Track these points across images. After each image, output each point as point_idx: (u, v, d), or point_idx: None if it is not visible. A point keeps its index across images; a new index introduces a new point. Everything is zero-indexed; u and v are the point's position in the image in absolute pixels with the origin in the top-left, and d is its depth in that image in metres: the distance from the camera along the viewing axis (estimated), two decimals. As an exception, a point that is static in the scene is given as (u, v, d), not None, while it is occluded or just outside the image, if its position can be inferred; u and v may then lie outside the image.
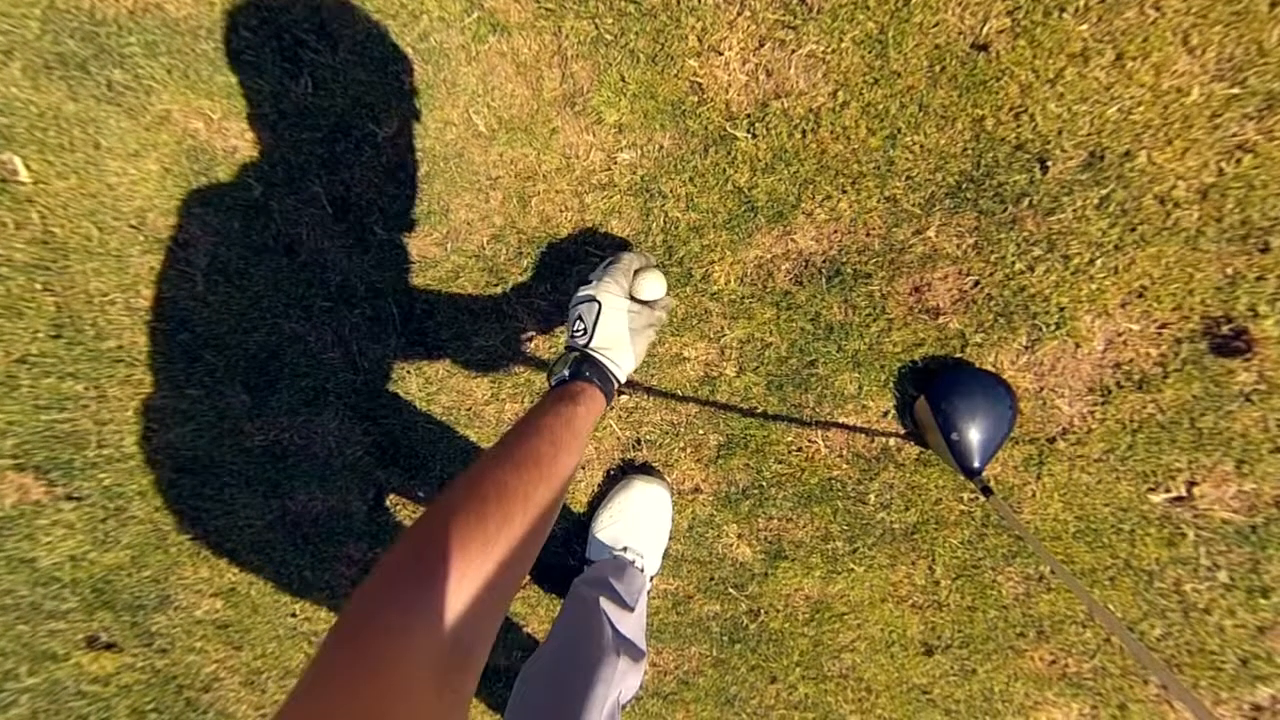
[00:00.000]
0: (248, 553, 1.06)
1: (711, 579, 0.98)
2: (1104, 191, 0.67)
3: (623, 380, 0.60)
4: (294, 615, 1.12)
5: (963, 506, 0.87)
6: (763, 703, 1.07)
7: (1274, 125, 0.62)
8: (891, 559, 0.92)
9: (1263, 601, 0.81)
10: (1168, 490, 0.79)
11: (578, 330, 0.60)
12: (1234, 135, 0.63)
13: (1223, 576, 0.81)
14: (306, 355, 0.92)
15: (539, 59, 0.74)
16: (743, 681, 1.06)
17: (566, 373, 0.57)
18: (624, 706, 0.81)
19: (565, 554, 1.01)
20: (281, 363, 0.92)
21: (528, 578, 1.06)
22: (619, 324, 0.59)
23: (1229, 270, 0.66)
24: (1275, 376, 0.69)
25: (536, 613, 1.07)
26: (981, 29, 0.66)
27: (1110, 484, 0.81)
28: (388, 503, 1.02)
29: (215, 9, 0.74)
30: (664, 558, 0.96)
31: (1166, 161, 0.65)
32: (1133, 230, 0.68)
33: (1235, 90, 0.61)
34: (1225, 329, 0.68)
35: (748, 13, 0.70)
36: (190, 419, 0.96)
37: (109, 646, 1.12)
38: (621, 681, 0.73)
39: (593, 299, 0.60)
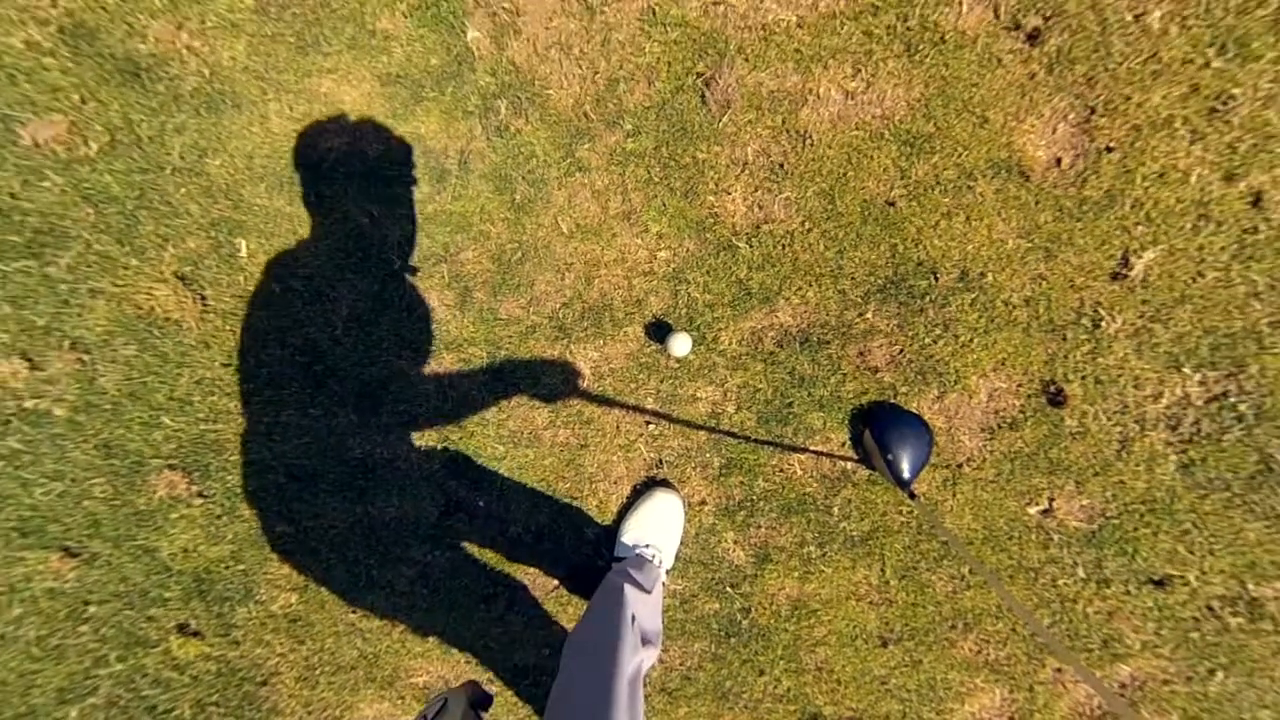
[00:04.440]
0: (327, 551, 1.27)
1: (712, 579, 1.23)
2: (972, 295, 1.04)
3: None
4: (353, 613, 1.30)
5: (903, 517, 1.17)
6: (752, 696, 1.28)
7: (1053, 268, 1.01)
8: (852, 561, 1.19)
9: (1106, 591, 1.10)
10: (1038, 505, 1.11)
11: None
12: (1032, 269, 1.02)
13: (1080, 572, 1.11)
14: (408, 387, 1.20)
15: (608, 188, 1.11)
16: (736, 675, 1.27)
17: None
18: (646, 674, 1.02)
19: (595, 556, 1.25)
20: (387, 391, 1.20)
21: (555, 582, 1.27)
22: None
23: (1049, 349, 1.03)
24: (1089, 422, 1.04)
25: (566, 611, 1.28)
26: (890, 192, 1.05)
27: (1001, 500, 1.12)
28: (454, 511, 1.26)
29: (389, 147, 1.11)
30: (676, 559, 1.21)
31: (1004, 279, 1.03)
32: (992, 321, 1.05)
33: (1029, 243, 1.01)
34: (1052, 388, 1.03)
35: (747, 173, 1.09)
36: (306, 433, 1.21)
37: (195, 635, 1.28)
38: (640, 652, 0.91)
39: None
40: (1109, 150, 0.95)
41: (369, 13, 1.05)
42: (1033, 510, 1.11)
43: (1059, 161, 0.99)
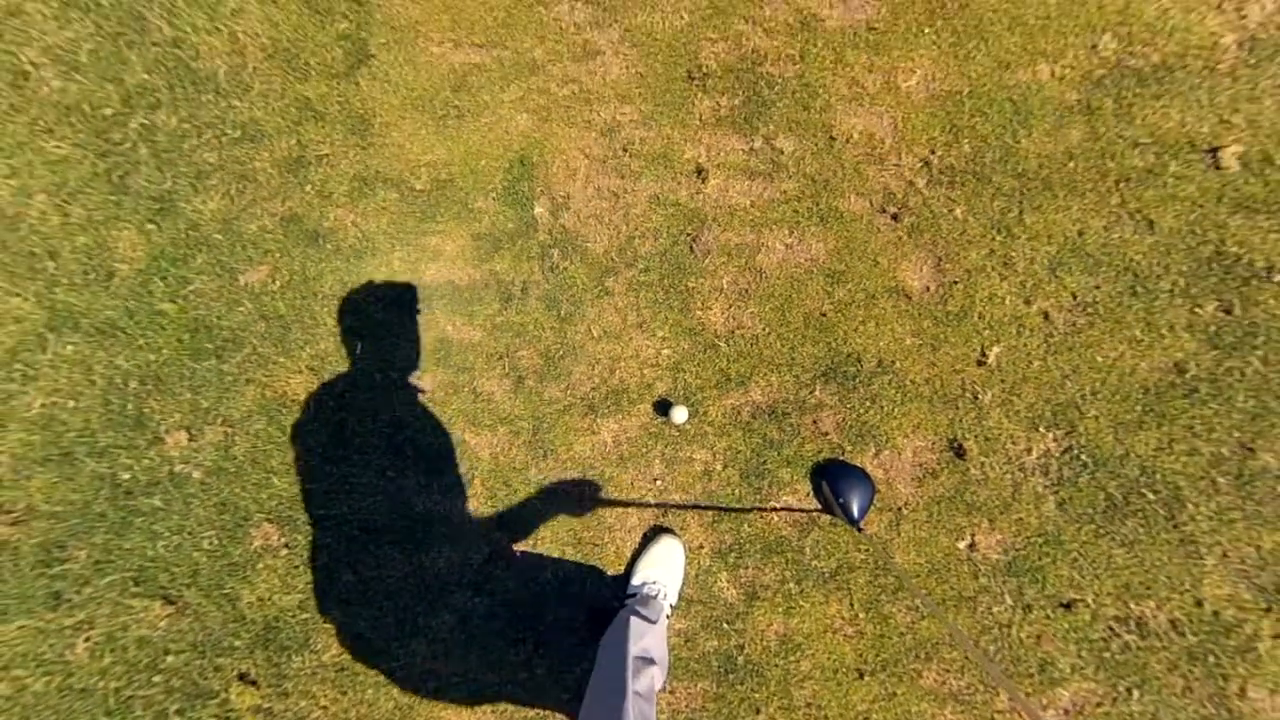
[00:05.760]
0: (381, 599, 1.49)
1: (711, 616, 1.46)
2: (888, 377, 1.47)
3: None
4: (396, 661, 1.48)
5: (862, 554, 1.45)
6: (751, 738, 1.43)
7: (939, 358, 1.46)
8: (825, 596, 1.44)
9: (1031, 616, 1.36)
10: (964, 540, 1.41)
11: None
12: (925, 358, 1.46)
13: (1008, 599, 1.38)
14: (467, 455, 1.53)
15: (627, 307, 1.57)
16: (736, 716, 1.43)
17: None
18: (658, 692, 1.22)
19: (611, 599, 1.49)
20: (451, 459, 1.53)
21: (577, 627, 1.48)
22: None
23: (948, 416, 1.42)
24: (987, 471, 1.40)
25: (586, 654, 1.48)
26: (822, 307, 1.53)
27: (936, 537, 1.43)
28: (495, 559, 1.51)
29: (472, 280, 1.58)
30: (680, 598, 1.46)
31: (908, 366, 1.46)
32: (905, 395, 1.46)
33: (920, 341, 1.46)
34: (956, 445, 1.41)
35: (723, 296, 1.56)
36: (380, 492, 1.51)
37: (252, 683, 1.43)
38: (646, 670, 1.09)
39: None
40: (956, 283, 1.45)
41: (470, 197, 1.59)
42: (961, 545, 1.42)
43: (928, 288, 1.48)
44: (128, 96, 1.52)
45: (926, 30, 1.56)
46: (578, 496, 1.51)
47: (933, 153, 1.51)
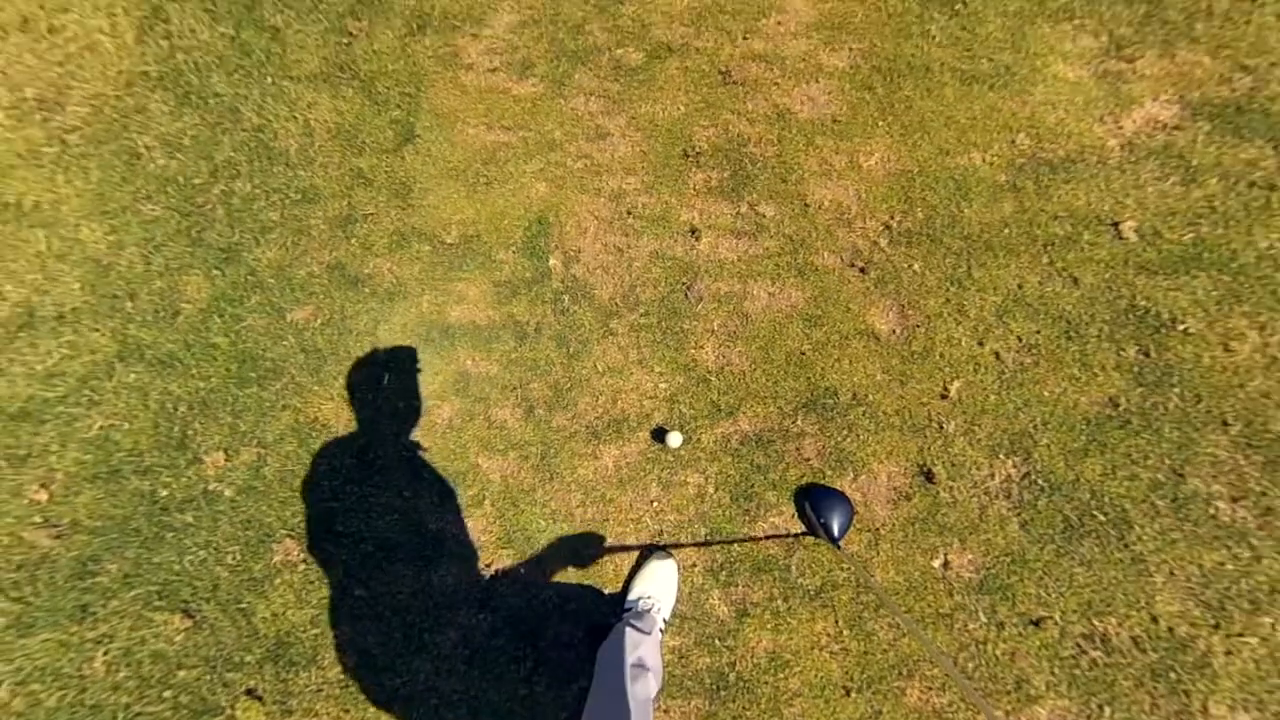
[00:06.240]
0: (390, 615, 1.57)
1: (703, 632, 1.54)
2: (862, 409, 1.64)
3: None
4: (399, 678, 1.54)
5: (844, 573, 1.56)
6: (744, 760, 1.47)
7: (906, 392, 1.64)
8: (811, 613, 1.54)
9: (1004, 633, 1.46)
10: (938, 559, 1.53)
11: None
12: (895, 393, 1.65)
13: (982, 616, 1.48)
14: (480, 478, 1.67)
15: (628, 346, 1.77)
16: (728, 737, 1.48)
17: None
18: (654, 699, 1.30)
19: (609, 615, 1.57)
20: (465, 479, 1.67)
21: (575, 643, 1.56)
22: None
23: (917, 444, 1.59)
24: (956, 494, 1.55)
25: (584, 671, 1.54)
26: (802, 347, 1.73)
27: (912, 556, 1.55)
28: (500, 577, 1.61)
29: (492, 320, 1.79)
30: (674, 615, 1.54)
31: (880, 399, 1.64)
32: (878, 425, 1.63)
33: (889, 376, 1.65)
34: (926, 470, 1.56)
35: (714, 337, 1.77)
36: (396, 511, 1.63)
37: (258, 699, 1.48)
38: (642, 677, 1.19)
39: None
40: (918, 326, 1.66)
41: (493, 250, 1.84)
42: (936, 564, 1.53)
43: (895, 331, 1.70)
44: (215, 169, 1.80)
45: (880, 124, 1.88)
46: (580, 514, 1.63)
47: (892, 218, 1.78)
